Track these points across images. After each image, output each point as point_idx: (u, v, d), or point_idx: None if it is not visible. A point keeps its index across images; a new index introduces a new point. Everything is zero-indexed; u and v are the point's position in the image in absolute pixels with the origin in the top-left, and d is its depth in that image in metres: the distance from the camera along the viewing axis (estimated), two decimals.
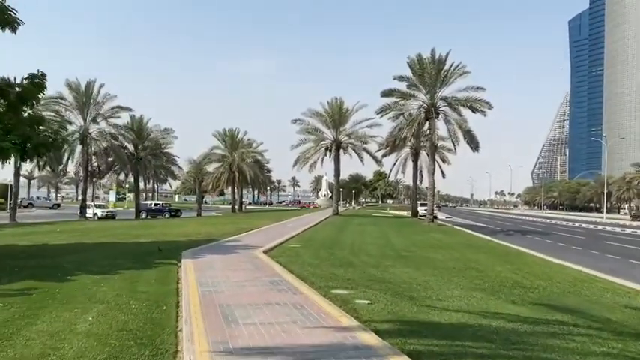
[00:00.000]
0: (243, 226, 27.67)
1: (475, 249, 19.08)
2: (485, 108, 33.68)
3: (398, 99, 35.78)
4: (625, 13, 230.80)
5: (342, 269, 12.36)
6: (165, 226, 28.12)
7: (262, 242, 17.95)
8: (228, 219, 38.38)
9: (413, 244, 19.73)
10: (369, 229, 28.15)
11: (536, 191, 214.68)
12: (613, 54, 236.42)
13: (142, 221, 39.91)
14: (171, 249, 15.45)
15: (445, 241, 22.20)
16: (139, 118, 50.64)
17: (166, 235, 21.10)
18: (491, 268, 13.69)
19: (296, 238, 20.98)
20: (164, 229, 24.56)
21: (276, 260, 13.36)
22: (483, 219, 64.96)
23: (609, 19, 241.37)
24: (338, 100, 46.03)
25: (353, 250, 17.05)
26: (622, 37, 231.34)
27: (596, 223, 58.98)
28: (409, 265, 13.77)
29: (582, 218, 78.59)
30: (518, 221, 60.50)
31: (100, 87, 45.18)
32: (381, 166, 47.56)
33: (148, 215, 52.79)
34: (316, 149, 46.61)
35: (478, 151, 34.89)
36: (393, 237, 23.29)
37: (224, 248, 16.08)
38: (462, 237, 25.75)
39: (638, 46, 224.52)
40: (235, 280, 10.02)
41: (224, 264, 12.41)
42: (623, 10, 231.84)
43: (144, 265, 12.03)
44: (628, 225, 53.32)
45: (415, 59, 34.94)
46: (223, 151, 63.75)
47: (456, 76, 34.22)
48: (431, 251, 17.38)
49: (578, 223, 56.79)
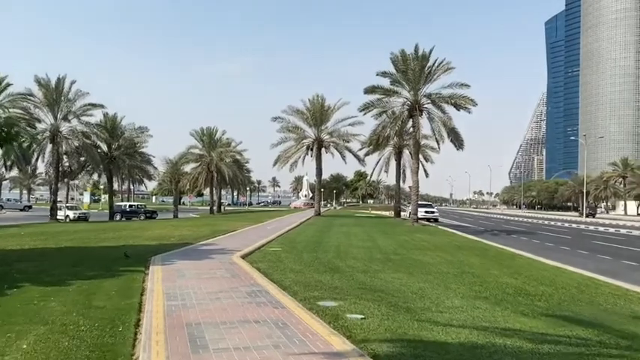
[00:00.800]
0: (221, 228, 26.38)
1: (466, 251, 18.12)
2: (469, 105, 32.90)
3: (381, 96, 34.79)
4: (600, 15, 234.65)
5: (327, 276, 11.25)
6: (139, 228, 26.65)
7: (240, 246, 16.74)
8: (206, 220, 36.95)
9: (400, 246, 18.71)
10: (353, 230, 27.08)
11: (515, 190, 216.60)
12: (588, 55, 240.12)
13: (116, 223, 38.24)
14: (140, 254, 14.16)
15: (433, 242, 21.24)
16: (113, 116, 48.87)
17: (137, 238, 19.72)
18: (487, 273, 12.71)
19: (277, 240, 19.81)
20: (136, 232, 23.14)
21: (256, 266, 12.19)
22: (465, 218, 64.47)
23: (585, 21, 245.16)
24: (319, 97, 44.96)
25: (338, 253, 15.95)
26: (597, 38, 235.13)
27: (577, 222, 58.95)
28: (400, 269, 12.71)
29: (563, 217, 78.86)
30: (500, 221, 60.09)
31: (72, 84, 43.47)
32: (364, 165, 46.72)
33: (123, 217, 51.06)
34: (297, 148, 45.41)
35: (462, 149, 34.19)
36: (379, 238, 22.26)
37: (198, 253, 14.83)
38: (449, 238, 24.83)
39: (612, 48, 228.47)
40: (208, 292, 8.83)
41: (197, 271, 11.19)
42: (598, 12, 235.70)
43: (106, 273, 10.73)
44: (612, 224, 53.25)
45: (398, 55, 34.00)
46: (201, 150, 62.10)
47: (440, 73, 33.41)
48: (420, 254, 16.37)
49: (560, 222, 56.63)
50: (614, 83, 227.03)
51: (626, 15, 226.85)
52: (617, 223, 55.15)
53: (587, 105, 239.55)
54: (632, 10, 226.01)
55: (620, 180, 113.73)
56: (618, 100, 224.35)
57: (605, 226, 47.57)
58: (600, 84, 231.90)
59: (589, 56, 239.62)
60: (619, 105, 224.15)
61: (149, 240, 18.91)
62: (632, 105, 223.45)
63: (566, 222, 56.59)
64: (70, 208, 48.79)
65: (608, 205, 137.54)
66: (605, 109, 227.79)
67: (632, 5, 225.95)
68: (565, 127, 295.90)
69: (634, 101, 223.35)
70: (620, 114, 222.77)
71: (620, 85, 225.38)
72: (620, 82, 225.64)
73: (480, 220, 59.73)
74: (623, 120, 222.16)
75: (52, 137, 42.73)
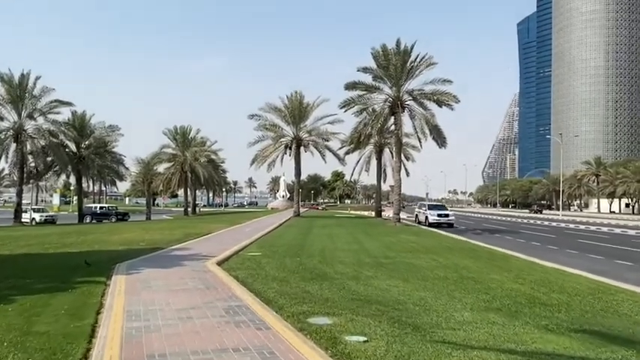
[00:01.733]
0: (195, 230, 24.85)
1: (456, 252, 17.07)
2: (452, 102, 32.00)
3: (363, 92, 33.55)
4: (570, 17, 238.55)
5: (315, 284, 9.99)
6: (107, 231, 24.94)
7: (216, 250, 15.36)
8: (179, 223, 35.26)
9: (388, 249, 17.55)
10: (336, 232, 25.84)
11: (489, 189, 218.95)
12: (560, 56, 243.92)
13: (85, 226, 36.29)
14: (103, 261, 12.68)
15: (421, 243, 20.16)
16: (82, 114, 46.76)
17: (104, 243, 18.14)
18: (488, 278, 11.62)
19: (256, 244, 18.44)
20: (104, 236, 21.49)
21: (233, 275, 10.86)
22: None
23: (556, 22, 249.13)
24: (298, 94, 43.44)
25: (324, 257, 14.69)
26: (568, 39, 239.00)
27: (555, 220, 58.92)
28: (394, 275, 11.52)
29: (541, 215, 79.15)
30: (479, 219, 59.68)
31: (37, 79, 41.24)
32: (344, 164, 45.51)
33: (94, 219, 49.01)
34: (275, 147, 43.88)
35: (445, 147, 33.32)
36: (364, 240, 21.07)
37: (168, 259, 13.39)
38: (435, 238, 23.82)
39: (583, 49, 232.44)
40: (178, 308, 7.47)
41: (166, 282, 9.80)
42: (569, 13, 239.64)
43: (60, 286, 9.26)
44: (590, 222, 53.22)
45: (380, 50, 32.87)
46: (175, 150, 60.05)
47: (423, 68, 32.33)
48: (411, 257, 15.23)
49: (539, 220, 56.49)
50: (585, 83, 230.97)
51: (596, 17, 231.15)
52: (594, 221, 55.22)
53: (559, 105, 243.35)
54: (602, 12, 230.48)
55: (594, 178, 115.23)
56: (589, 99, 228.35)
57: (583, 224, 47.41)
58: (572, 84, 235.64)
59: (560, 57, 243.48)
60: (590, 105, 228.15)
61: (116, 245, 17.37)
62: (603, 104, 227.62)
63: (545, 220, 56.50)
64: (36, 210, 46.53)
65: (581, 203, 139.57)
66: (577, 108, 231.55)
67: (601, 7, 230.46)
68: (537, 127, 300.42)
69: (604, 101, 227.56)
70: (592, 113, 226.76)
71: (591, 85, 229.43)
72: (591, 83, 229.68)
73: (460, 219, 59.21)
74: (594, 119, 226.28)
75: (16, 136, 40.50)
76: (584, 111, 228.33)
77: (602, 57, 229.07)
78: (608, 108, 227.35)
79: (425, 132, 32.51)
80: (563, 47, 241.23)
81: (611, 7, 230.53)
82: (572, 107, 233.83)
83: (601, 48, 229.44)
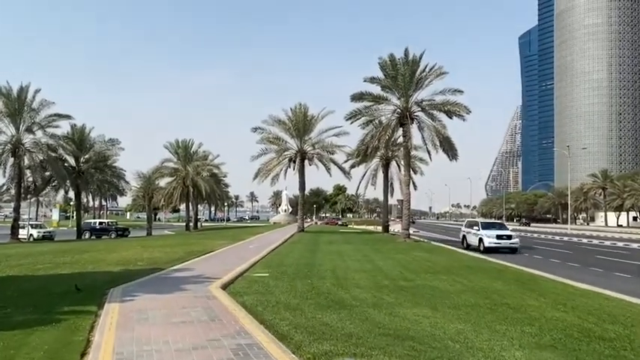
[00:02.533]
0: (197, 248, 23.66)
1: (478, 272, 15.85)
2: (463, 113, 30.91)
3: (370, 103, 32.45)
4: (572, 30, 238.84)
5: (333, 313, 8.80)
6: (104, 249, 23.74)
7: (220, 271, 14.17)
8: (181, 239, 34.04)
9: (404, 268, 16.31)
10: (344, 249, 24.56)
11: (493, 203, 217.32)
12: (562, 69, 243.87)
13: (82, 243, 35.10)
14: (96, 285, 11.51)
15: (437, 262, 18.91)
16: (81, 128, 45.77)
17: (100, 262, 16.94)
18: (524, 304, 10.40)
19: (262, 263, 17.23)
20: (100, 254, 20.29)
21: (240, 301, 9.69)
22: (452, 232, 62.63)
23: (558, 35, 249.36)
24: (302, 106, 42.40)
25: (337, 279, 13.47)
26: (570, 52, 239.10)
27: (566, 234, 57.63)
28: (419, 301, 10.31)
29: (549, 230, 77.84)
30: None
31: (36, 92, 40.35)
32: (350, 178, 44.27)
33: (93, 235, 47.90)
34: (279, 160, 42.69)
35: (456, 159, 32.15)
36: (376, 258, 19.80)
37: (169, 283, 12.20)
38: (452, 256, 22.56)
39: (585, 61, 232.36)
40: (178, 348, 6.29)
41: (165, 312, 8.62)
42: (571, 26, 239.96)
43: (44, 317, 8.09)
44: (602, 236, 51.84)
45: (387, 60, 31.85)
46: (176, 164, 59.05)
47: (433, 78, 31.29)
48: (432, 278, 14.00)
49: (550, 235, 55.22)
50: (588, 96, 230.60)
51: (598, 30, 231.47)
52: (605, 235, 53.87)
53: (562, 118, 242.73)
54: (604, 24, 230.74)
55: (600, 191, 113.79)
56: (592, 112, 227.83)
57: (595, 238, 46.13)
58: (575, 97, 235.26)
59: (563, 70, 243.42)
60: (593, 117, 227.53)
61: (113, 265, 16.18)
62: (606, 117, 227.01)
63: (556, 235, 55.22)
64: (34, 226, 45.46)
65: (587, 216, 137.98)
66: (580, 121, 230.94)
67: (604, 20, 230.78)
68: (540, 140, 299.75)
69: (608, 113, 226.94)
70: (595, 126, 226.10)
71: (594, 97, 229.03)
72: (594, 95, 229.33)
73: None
74: (597, 132, 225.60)
75: (14, 150, 39.52)
76: (588, 124, 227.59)
77: (605, 70, 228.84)
78: (612, 120, 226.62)
79: (435, 144, 31.38)
80: (566, 60, 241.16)
81: (613, 20, 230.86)
82: (575, 120, 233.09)
83: (604, 60, 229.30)
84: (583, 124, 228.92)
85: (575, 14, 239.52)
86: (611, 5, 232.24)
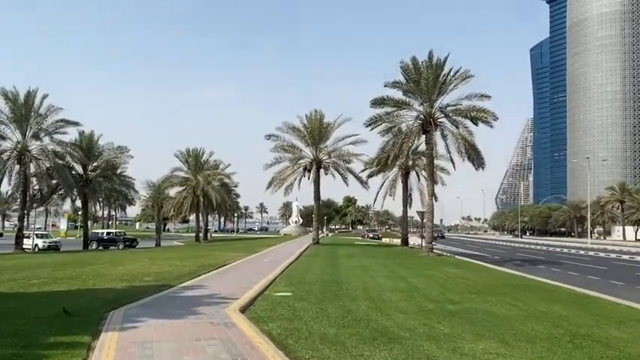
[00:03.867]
0: (209, 260, 21.93)
1: (527, 292, 13.99)
2: (490, 119, 29.11)
3: (392, 109, 30.75)
4: (586, 42, 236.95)
5: (383, 349, 7.01)
6: (109, 262, 22.09)
7: (236, 289, 12.46)
8: (191, 251, 32.36)
9: (442, 287, 14.47)
10: (367, 263, 22.69)
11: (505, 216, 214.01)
12: (575, 80, 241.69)
13: (88, 254, 33.55)
14: (94, 307, 9.82)
15: (474, 279, 17.05)
16: (89, 135, 44.44)
17: (102, 277, 15.26)
18: (606, 334, 8.56)
19: (282, 279, 15.44)
20: (104, 268, 18.64)
21: (265, 329, 7.95)
22: (469, 245, 60.58)
23: (571, 47, 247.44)
24: (318, 113, 40.62)
25: (371, 300, 11.65)
26: (583, 64, 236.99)
27: (588, 248, 55.48)
28: (481, 332, 8.47)
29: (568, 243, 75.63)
30: (508, 248, 56.30)
31: (43, 98, 39.19)
32: (367, 188, 42.39)
33: (100, 246, 46.43)
34: (294, 169, 40.94)
35: (483, 168, 30.33)
36: (406, 274, 17.91)
37: (179, 304, 10.48)
38: (485, 272, 20.67)
39: (598, 74, 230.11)
40: None
41: (174, 345, 6.88)
42: (584, 38, 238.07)
43: (20, 352, 6.40)
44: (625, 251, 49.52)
45: (409, 63, 30.15)
46: (187, 173, 57.58)
47: (458, 82, 29.51)
48: (479, 300, 12.16)
49: (572, 249, 53.05)
50: (602, 108, 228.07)
51: (611, 42, 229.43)
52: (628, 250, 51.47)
53: (574, 130, 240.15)
54: (617, 36, 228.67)
55: (618, 205, 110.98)
56: (606, 125, 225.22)
57: (625, 254, 43.93)
58: (588, 109, 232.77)
59: (575, 82, 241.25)
60: (607, 130, 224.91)
61: (116, 280, 14.50)
62: (620, 130, 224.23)
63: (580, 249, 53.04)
64: (39, 236, 44.02)
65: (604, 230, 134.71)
66: (593, 133, 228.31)
67: (617, 32, 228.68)
68: (552, 153, 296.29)
69: (621, 126, 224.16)
70: (609, 139, 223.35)
71: (608, 110, 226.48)
72: (608, 107, 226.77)
73: (486, 247, 55.86)
74: (611, 145, 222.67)
75: (20, 157, 38.22)
76: (601, 136, 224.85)
77: (618, 82, 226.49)
78: (626, 133, 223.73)
79: (462, 152, 29.50)
80: (579, 72, 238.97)
81: (627, 32, 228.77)
82: (588, 132, 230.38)
83: (617, 73, 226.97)
84: (596, 136, 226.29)
85: (588, 26, 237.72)
86: (625, 17, 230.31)
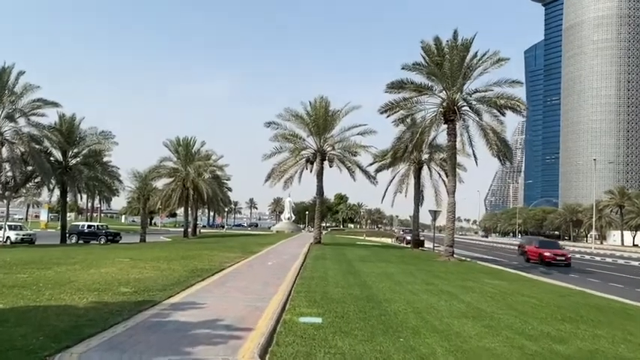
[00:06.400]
0: (201, 263, 18.29)
1: (623, 319, 10.68)
2: (522, 107, 25.82)
3: (411, 94, 27.11)
4: (581, 45, 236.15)
5: None
6: (83, 261, 18.42)
7: (244, 310, 8.98)
8: (179, 249, 28.62)
9: (514, 310, 10.96)
10: (390, 271, 18.95)
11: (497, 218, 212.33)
12: (569, 83, 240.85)
13: (64, 249, 29.77)
14: (30, 347, 6.30)
15: (538, 297, 13.58)
16: (70, 118, 40.49)
17: (65, 286, 11.66)
18: None
19: (298, 292, 11.82)
20: (72, 271, 14.97)
21: None
22: (473, 248, 57.43)
23: (566, 50, 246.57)
24: (323, 99, 36.92)
25: (440, 334, 8.14)
26: (578, 67, 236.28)
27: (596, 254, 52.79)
28: None
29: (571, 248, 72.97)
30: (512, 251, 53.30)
31: (19, 75, 35.25)
32: (375, 183, 38.77)
33: (80, 239, 42.70)
34: (296, 160, 37.30)
35: (511, 162, 27.12)
36: (449, 288, 14.40)
37: (165, 341, 6.91)
38: (533, 285, 17.30)
39: (594, 77, 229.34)
40: None
41: None
42: (580, 42, 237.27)
43: None
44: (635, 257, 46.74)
45: (432, 44, 26.78)
46: (176, 163, 53.62)
47: (488, 65, 26.07)
48: (586, 335, 8.75)
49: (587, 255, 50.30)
50: (596, 112, 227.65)
51: (607, 45, 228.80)
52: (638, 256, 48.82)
53: (568, 133, 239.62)
54: (613, 40, 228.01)
55: (617, 209, 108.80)
56: (600, 129, 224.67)
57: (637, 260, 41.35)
58: (582, 113, 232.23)
59: (571, 85, 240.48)
60: (601, 134, 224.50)
61: (83, 291, 10.92)
62: (614, 134, 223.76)
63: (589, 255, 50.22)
64: (12, 227, 40.17)
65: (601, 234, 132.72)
66: (587, 137, 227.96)
67: (613, 36, 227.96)
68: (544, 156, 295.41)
69: (615, 130, 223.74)
70: (602, 143, 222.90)
71: (602, 114, 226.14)
72: (602, 112, 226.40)
73: (492, 251, 52.78)
74: (605, 149, 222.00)
75: None
76: (595, 140, 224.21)
77: (613, 86, 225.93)
78: (620, 138, 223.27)
79: (492, 145, 26.07)
80: (574, 75, 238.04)
81: (622, 36, 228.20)
82: (581, 136, 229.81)
83: (612, 77, 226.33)
84: (590, 140, 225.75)
85: (583, 29, 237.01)
86: (621, 21, 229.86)
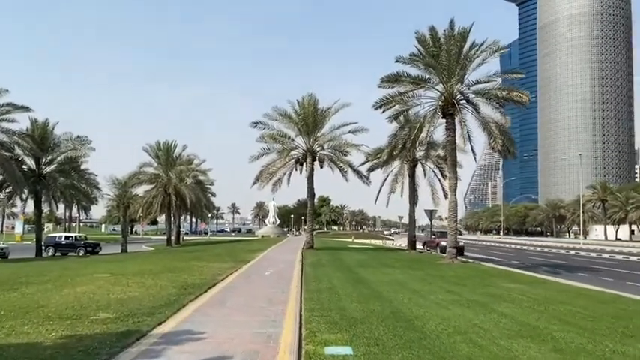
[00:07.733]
0: (192, 276, 16.37)
1: None
2: (525, 99, 24.64)
3: (407, 87, 25.63)
4: (556, 43, 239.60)
5: None
6: (57, 278, 16.41)
7: (254, 341, 7.26)
8: (165, 259, 26.64)
9: (563, 322, 9.40)
10: (399, 278, 17.13)
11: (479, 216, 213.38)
12: (546, 81, 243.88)
13: (37, 263, 27.59)
14: None
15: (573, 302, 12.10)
16: (43, 123, 38.20)
17: (31, 313, 9.72)
18: None
19: (311, 311, 10.12)
20: (43, 292, 12.96)
21: None
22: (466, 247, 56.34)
23: (541, 48, 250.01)
24: (312, 97, 35.37)
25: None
26: (554, 65, 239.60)
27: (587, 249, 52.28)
28: None
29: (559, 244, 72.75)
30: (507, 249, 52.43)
31: None
32: (369, 184, 37.32)
33: (57, 251, 40.31)
34: (285, 161, 35.63)
35: (515, 157, 25.92)
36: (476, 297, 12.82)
37: None
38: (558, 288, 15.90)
39: (569, 74, 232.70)
40: None
41: None
42: (554, 39, 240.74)
43: None
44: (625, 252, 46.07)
45: (427, 35, 25.41)
46: (157, 169, 51.52)
47: (487, 55, 24.85)
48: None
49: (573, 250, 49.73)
50: (572, 108, 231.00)
51: (581, 42, 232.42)
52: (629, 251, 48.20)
53: (545, 130, 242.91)
54: (586, 37, 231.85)
55: (599, 204, 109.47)
56: (576, 125, 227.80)
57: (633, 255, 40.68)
58: (558, 109, 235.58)
59: (547, 82, 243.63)
60: (577, 130, 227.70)
61: (53, 319, 9.02)
62: (590, 130, 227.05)
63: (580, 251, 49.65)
64: None
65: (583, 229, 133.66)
66: (564, 134, 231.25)
67: (586, 33, 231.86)
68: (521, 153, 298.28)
69: (591, 126, 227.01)
70: (579, 139, 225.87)
71: (578, 110, 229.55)
72: (578, 108, 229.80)
73: (486, 249, 51.74)
74: (581, 145, 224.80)
75: None
76: (572, 136, 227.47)
77: (588, 82, 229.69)
78: (595, 133, 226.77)
79: (496, 139, 24.71)
80: (549, 73, 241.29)
81: (595, 34, 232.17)
82: (559, 132, 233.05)
83: (587, 73, 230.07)
84: (567, 136, 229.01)
85: (557, 27, 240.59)
86: (594, 19, 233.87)
